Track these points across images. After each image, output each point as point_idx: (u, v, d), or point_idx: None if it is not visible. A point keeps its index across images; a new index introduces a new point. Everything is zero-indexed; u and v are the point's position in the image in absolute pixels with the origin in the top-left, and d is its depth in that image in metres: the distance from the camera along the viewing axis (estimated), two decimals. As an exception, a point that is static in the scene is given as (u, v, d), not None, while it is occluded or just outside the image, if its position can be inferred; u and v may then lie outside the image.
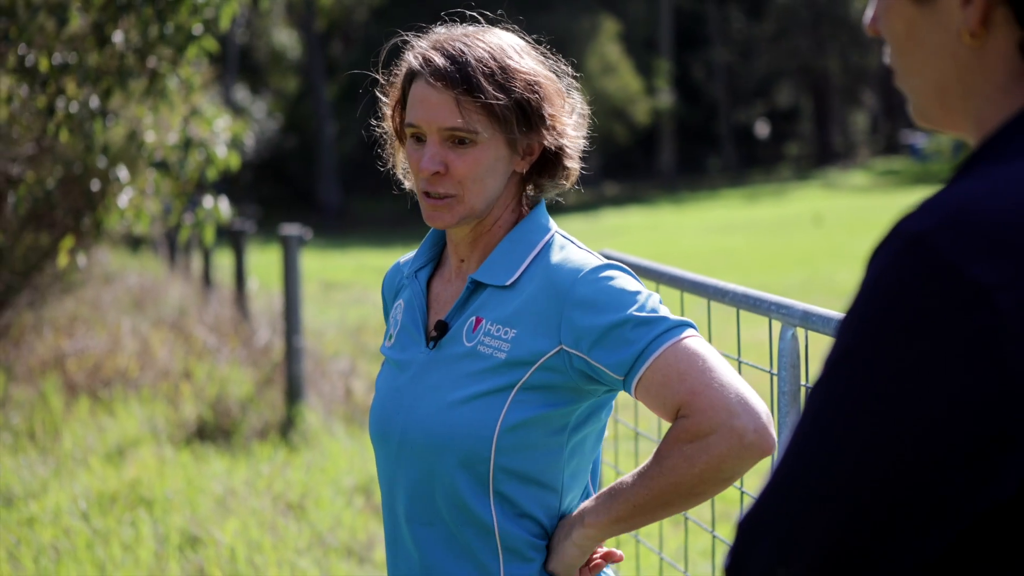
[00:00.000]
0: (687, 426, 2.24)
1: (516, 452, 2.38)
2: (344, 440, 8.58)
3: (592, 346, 2.31)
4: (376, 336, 14.40)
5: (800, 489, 1.29)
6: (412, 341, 2.53)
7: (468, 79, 2.39)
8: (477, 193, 2.43)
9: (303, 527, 6.68)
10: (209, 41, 8.12)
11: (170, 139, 8.54)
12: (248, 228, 12.60)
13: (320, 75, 47.09)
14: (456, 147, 2.41)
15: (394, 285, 2.71)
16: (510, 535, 2.40)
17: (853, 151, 64.86)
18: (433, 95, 2.41)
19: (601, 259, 2.42)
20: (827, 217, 31.41)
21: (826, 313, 2.71)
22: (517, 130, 2.41)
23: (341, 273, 24.29)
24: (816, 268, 20.48)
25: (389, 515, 2.54)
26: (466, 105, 2.39)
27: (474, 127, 2.39)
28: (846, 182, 48.35)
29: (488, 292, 2.45)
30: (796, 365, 2.87)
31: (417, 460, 2.44)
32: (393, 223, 44.37)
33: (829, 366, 1.31)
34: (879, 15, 1.44)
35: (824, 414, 1.29)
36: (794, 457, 1.31)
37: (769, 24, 60.44)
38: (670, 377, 2.26)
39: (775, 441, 2.23)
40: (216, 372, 10.14)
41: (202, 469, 7.80)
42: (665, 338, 2.28)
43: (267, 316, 12.94)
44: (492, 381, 2.38)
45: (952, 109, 1.40)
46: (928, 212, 1.29)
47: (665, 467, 2.26)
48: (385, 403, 2.54)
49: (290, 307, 9.34)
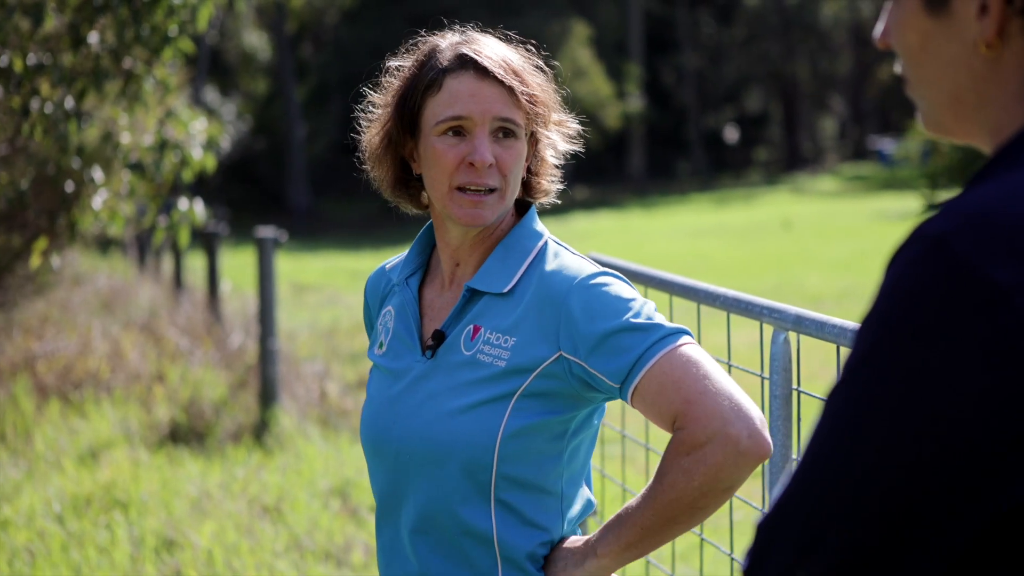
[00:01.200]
0: (683, 438, 2.23)
1: (517, 459, 2.38)
2: (319, 443, 8.57)
3: (589, 353, 2.31)
4: (349, 339, 14.38)
5: (819, 491, 1.30)
6: (407, 349, 2.52)
7: (518, 73, 2.43)
8: (514, 188, 2.46)
9: (280, 530, 6.66)
10: (185, 42, 8.09)
11: (145, 141, 8.50)
12: (221, 230, 12.56)
13: (290, 77, 47.00)
14: (502, 140, 2.43)
15: (379, 290, 2.69)
16: (509, 546, 2.40)
17: (822, 156, 65.11)
18: (485, 87, 2.42)
19: (596, 266, 2.43)
20: (796, 222, 31.52)
21: (819, 317, 2.72)
22: (534, 131, 2.47)
23: (312, 275, 24.25)
24: (787, 273, 20.54)
25: (385, 522, 2.53)
26: (516, 98, 2.42)
27: (519, 121, 2.43)
28: (815, 187, 48.51)
29: (485, 300, 2.45)
30: (788, 369, 2.88)
31: (417, 469, 2.43)
32: (363, 225, 44.30)
33: (849, 369, 1.32)
34: (890, 28, 1.45)
35: (844, 417, 1.30)
36: (813, 459, 1.32)
37: (739, 29, 60.63)
38: (665, 386, 2.26)
39: (770, 446, 2.23)
40: (189, 375, 10.11)
41: (176, 472, 7.77)
42: (660, 346, 2.28)
43: (240, 318, 12.90)
44: (493, 389, 2.38)
45: (965, 118, 1.42)
46: (948, 216, 1.30)
47: (666, 484, 2.25)
48: (380, 412, 2.52)
49: (265, 309, 9.31)
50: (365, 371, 12.09)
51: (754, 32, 60.50)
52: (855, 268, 20.72)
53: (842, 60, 64.95)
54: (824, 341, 2.68)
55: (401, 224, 47.09)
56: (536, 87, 2.45)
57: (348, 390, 10.62)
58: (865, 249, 23.71)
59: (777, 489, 1.37)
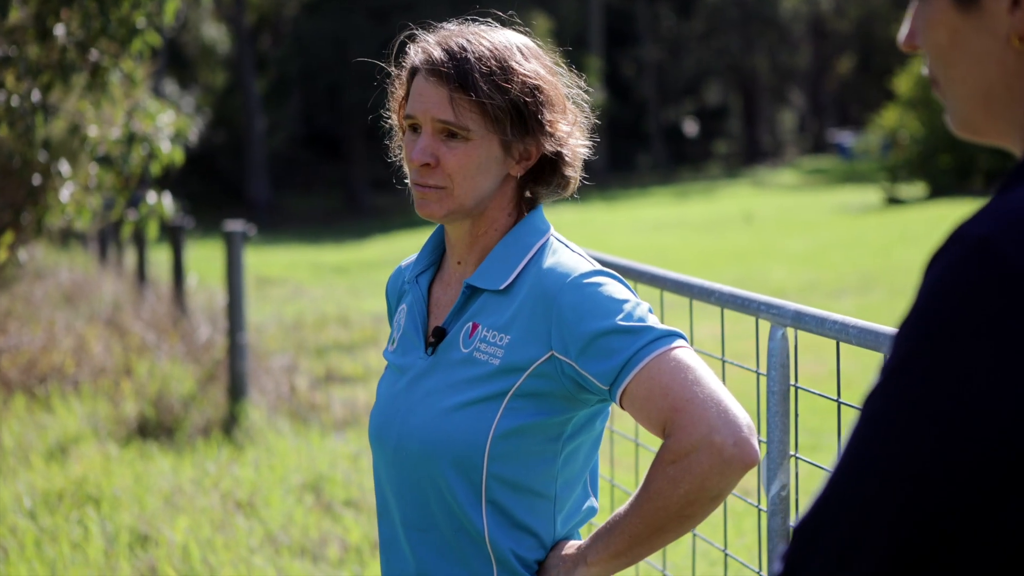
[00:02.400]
0: (670, 446, 2.21)
1: (508, 460, 2.36)
2: (290, 437, 8.54)
3: (579, 354, 2.29)
4: (315, 332, 14.35)
5: (861, 495, 1.29)
6: (412, 346, 2.52)
7: (463, 75, 2.38)
8: (467, 189, 2.41)
9: (254, 525, 6.63)
10: (152, 35, 8.04)
11: (113, 134, 8.45)
12: (186, 224, 12.49)
13: (250, 70, 46.80)
14: (448, 140, 2.41)
15: (397, 289, 2.69)
16: (499, 547, 2.39)
17: (781, 150, 65.37)
18: (429, 89, 2.41)
19: (593, 264, 2.40)
20: (757, 215, 31.60)
21: (819, 313, 2.72)
22: (511, 132, 2.40)
23: (274, 269, 24.16)
24: (749, 266, 20.59)
25: (385, 518, 2.53)
26: (459, 101, 2.38)
27: (465, 124, 2.38)
28: (775, 180, 48.66)
29: (484, 297, 2.44)
30: (786, 365, 2.87)
31: (412, 466, 2.42)
32: (324, 219, 44.19)
33: (889, 373, 1.30)
34: (917, 29, 1.44)
35: (886, 420, 1.29)
36: (853, 462, 1.30)
37: (698, 23, 60.76)
38: (653, 391, 2.24)
39: (757, 453, 2.20)
40: (157, 369, 10.05)
41: (148, 467, 7.73)
42: (650, 349, 2.25)
43: (206, 312, 12.84)
44: (486, 388, 2.36)
45: (998, 116, 1.41)
46: (988, 217, 1.29)
47: (652, 492, 2.23)
48: (383, 408, 2.53)
49: (234, 303, 9.27)
50: (333, 364, 12.06)
51: (714, 25, 60.64)
52: (818, 261, 20.79)
53: (801, 54, 65.18)
54: (824, 337, 2.68)
55: (362, 218, 46.85)
56: (489, 91, 2.38)
57: (317, 384, 10.59)
58: (827, 242, 23.79)
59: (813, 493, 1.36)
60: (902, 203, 33.80)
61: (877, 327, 2.54)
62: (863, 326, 2.55)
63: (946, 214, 28.40)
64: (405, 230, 37.40)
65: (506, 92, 2.38)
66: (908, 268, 18.88)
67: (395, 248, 31.02)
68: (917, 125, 35.80)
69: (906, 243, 22.61)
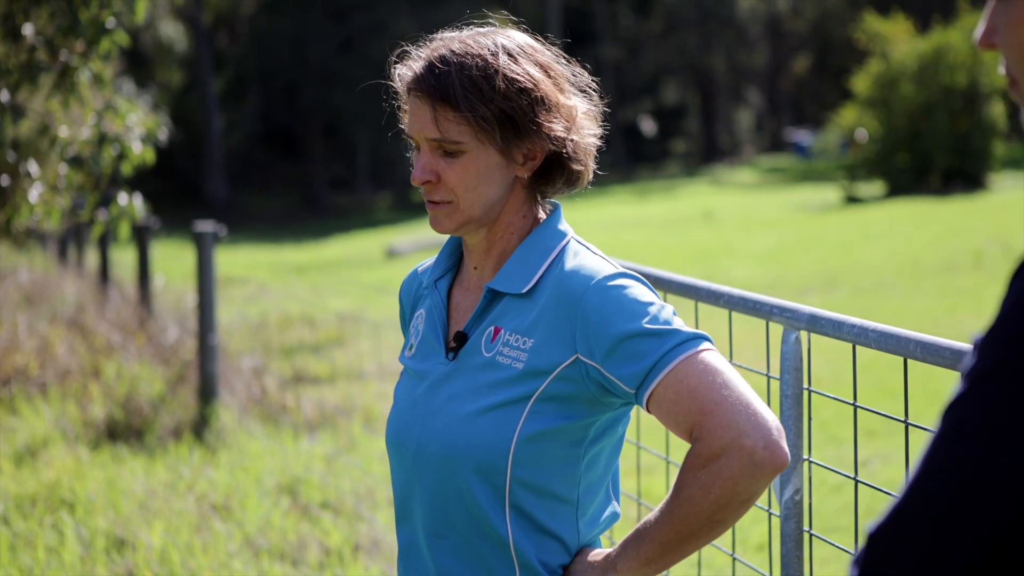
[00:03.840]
0: (699, 450, 2.19)
1: (532, 464, 2.34)
2: (263, 439, 8.48)
3: (605, 357, 2.27)
4: (280, 333, 14.28)
5: (944, 502, 1.27)
6: (432, 351, 2.49)
7: (444, 90, 2.36)
8: (473, 201, 2.40)
9: (232, 529, 6.58)
10: (121, 35, 7.97)
11: (83, 134, 8.37)
12: (153, 224, 12.39)
13: (207, 68, 46.63)
14: (445, 157, 2.39)
15: (411, 293, 2.67)
16: (524, 552, 2.36)
17: (739, 148, 65.58)
18: (417, 106, 2.40)
19: (616, 266, 2.38)
20: (718, 214, 31.69)
21: (836, 317, 2.69)
22: (503, 139, 2.37)
23: (234, 268, 24.05)
24: (712, 264, 20.64)
25: (404, 524, 2.50)
26: (443, 116, 2.37)
27: (454, 138, 2.37)
28: (733, 179, 48.82)
29: (506, 301, 2.41)
30: (799, 368, 2.85)
31: (433, 471, 2.40)
32: (283, 218, 44.07)
33: (974, 381, 1.29)
34: (996, 28, 1.41)
35: (971, 428, 1.27)
36: (937, 469, 1.29)
37: (656, 22, 60.92)
38: (681, 394, 2.22)
39: (787, 456, 2.18)
40: (125, 370, 9.97)
41: (120, 470, 7.66)
42: (677, 352, 2.23)
43: (171, 313, 12.75)
44: (509, 391, 2.34)
45: None
46: None
47: (683, 498, 2.21)
48: (402, 413, 2.50)
49: (204, 304, 9.20)
50: (300, 365, 12.00)
51: (671, 24, 60.83)
52: (780, 259, 20.87)
53: (758, 53, 65.44)
54: (842, 341, 2.66)
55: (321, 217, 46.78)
56: (474, 103, 2.34)
57: (285, 385, 10.53)
58: (789, 240, 23.88)
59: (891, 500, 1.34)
60: (861, 201, 33.96)
61: (898, 331, 2.52)
62: (883, 330, 2.53)
63: (905, 213, 28.55)
64: (365, 230, 37.34)
65: (490, 100, 2.35)
66: (870, 266, 18.96)
67: (355, 248, 30.96)
68: (875, 124, 35.98)
69: (867, 241, 22.71)
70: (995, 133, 35.78)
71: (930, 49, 36.03)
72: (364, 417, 9.38)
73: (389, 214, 43.97)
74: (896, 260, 19.46)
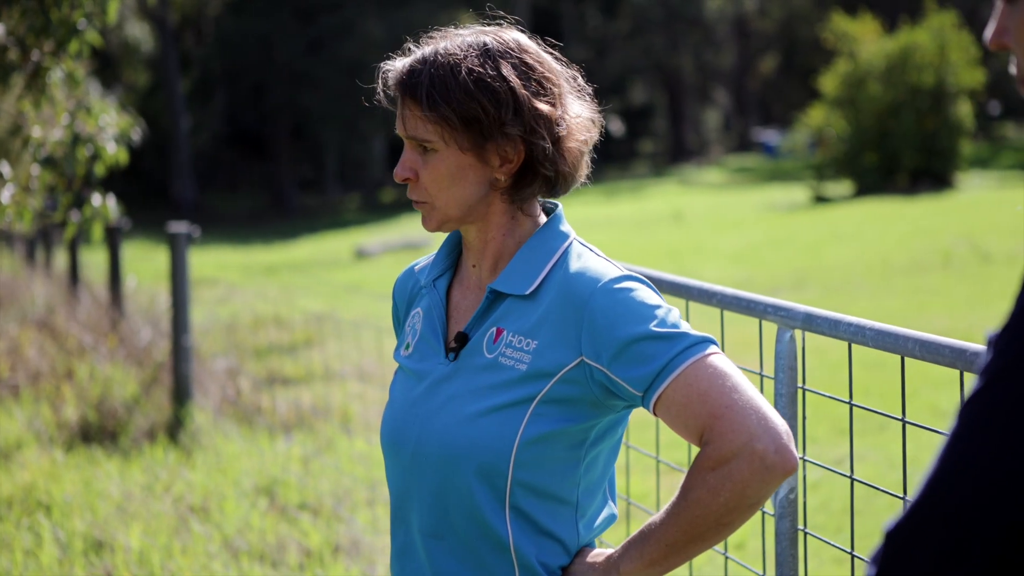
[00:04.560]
0: (709, 453, 2.19)
1: (534, 466, 2.33)
2: (238, 441, 8.45)
3: (612, 360, 2.26)
4: (251, 334, 14.23)
5: (962, 498, 1.27)
6: (431, 351, 2.48)
7: (412, 88, 2.38)
8: (447, 201, 2.40)
9: (211, 530, 6.55)
10: (93, 35, 7.93)
11: (56, 135, 8.32)
12: (124, 225, 12.33)
13: (174, 69, 46.46)
14: (424, 154, 2.41)
15: (407, 291, 2.65)
16: (525, 553, 2.36)
17: (706, 148, 65.73)
18: (404, 105, 2.41)
19: (621, 269, 2.37)
20: (686, 214, 31.75)
21: (832, 315, 2.70)
22: (471, 140, 2.36)
23: (204, 269, 23.95)
24: (682, 264, 20.68)
25: (399, 525, 2.49)
26: (412, 114, 2.39)
27: (422, 136, 2.38)
28: (702, 179, 48.92)
29: (509, 302, 2.40)
30: (794, 367, 2.86)
31: (432, 472, 2.39)
32: (250, 219, 43.93)
33: (990, 377, 1.29)
34: (1008, 28, 1.42)
35: (987, 425, 1.27)
36: (953, 466, 1.29)
37: (624, 22, 60.99)
38: (691, 398, 2.21)
39: (797, 459, 2.18)
40: (98, 372, 9.92)
41: (96, 472, 7.62)
42: (686, 355, 2.23)
43: (143, 314, 12.70)
44: (512, 393, 2.33)
45: None
46: None
47: (691, 500, 2.21)
48: (400, 413, 2.48)
49: (178, 305, 9.16)
50: (273, 366, 11.96)
51: (639, 25, 60.89)
52: (750, 259, 20.92)
53: (725, 53, 65.59)
54: (837, 339, 2.66)
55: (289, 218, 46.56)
56: (435, 102, 2.34)
57: (259, 386, 10.50)
58: (758, 240, 23.94)
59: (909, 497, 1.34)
60: (829, 201, 34.08)
61: (895, 329, 2.52)
62: (880, 328, 2.54)
63: (873, 212, 28.66)
64: (333, 230, 37.25)
65: (455, 101, 2.35)
66: (840, 266, 19.03)
67: (324, 249, 30.88)
68: (843, 124, 36.11)
69: (836, 241, 22.79)
70: (962, 132, 35.99)
71: (897, 49, 36.20)
72: (340, 418, 9.36)
73: (357, 215, 43.89)
74: (865, 259, 19.54)
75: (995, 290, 15.40)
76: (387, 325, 13.23)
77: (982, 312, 13.81)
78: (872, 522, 6.49)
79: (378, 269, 22.92)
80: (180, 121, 46.18)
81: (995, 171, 41.30)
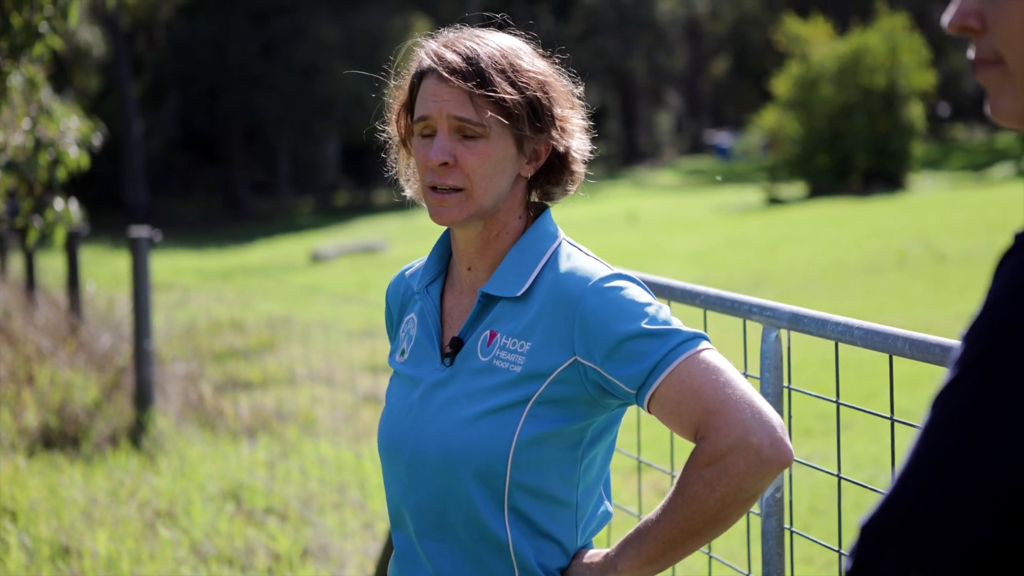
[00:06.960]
0: (705, 448, 2.20)
1: (532, 467, 2.34)
2: (201, 445, 8.42)
3: (605, 358, 2.27)
4: (210, 338, 14.17)
5: (935, 490, 1.27)
6: (427, 357, 2.48)
7: (481, 73, 2.37)
8: (485, 189, 2.38)
9: (178, 535, 6.53)
10: (54, 39, 7.88)
11: (17, 139, 8.27)
12: (83, 230, 12.26)
13: (126, 73, 46.20)
14: (465, 140, 2.38)
15: (399, 296, 2.65)
16: (524, 555, 2.36)
17: (659, 151, 65.90)
18: (445, 90, 2.38)
19: (610, 268, 2.39)
20: (641, 216, 31.82)
21: (819, 315, 2.72)
22: (528, 128, 2.38)
23: (159, 274, 23.76)
24: (639, 266, 20.64)
25: (399, 528, 2.49)
26: (479, 100, 2.36)
27: (485, 122, 2.36)
28: (655, 181, 49.05)
29: (501, 305, 2.41)
30: (779, 367, 2.88)
31: (430, 476, 2.39)
32: (203, 223, 43.73)
33: (962, 369, 1.30)
34: (972, 11, 1.38)
35: (962, 417, 1.28)
36: (926, 458, 1.30)
37: (576, 25, 61.06)
38: (685, 394, 2.22)
39: (792, 452, 2.19)
40: (59, 378, 9.86)
41: (60, 477, 7.57)
42: (679, 352, 2.24)
43: (102, 319, 12.62)
44: (507, 395, 2.33)
45: None
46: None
47: (687, 496, 2.21)
48: (396, 419, 2.48)
49: (140, 310, 9.12)
50: (232, 370, 11.91)
51: (591, 27, 60.99)
52: (706, 260, 20.99)
53: (677, 56, 65.78)
54: (824, 339, 2.68)
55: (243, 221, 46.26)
56: (506, 87, 2.37)
57: (219, 390, 10.46)
58: (713, 242, 24.02)
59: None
60: (782, 203, 34.24)
61: (884, 328, 2.55)
62: (868, 327, 2.56)
63: (827, 213, 28.81)
64: (288, 234, 37.14)
65: (521, 89, 2.38)
66: (796, 267, 19.13)
67: (279, 252, 30.78)
68: (795, 126, 36.30)
69: (791, 242, 22.90)
70: (913, 134, 36.23)
71: (849, 51, 36.42)
72: (301, 421, 9.34)
73: (311, 219, 43.78)
74: (821, 260, 19.64)
75: (951, 289, 15.51)
76: (348, 328, 13.16)
77: (939, 311, 13.91)
78: (834, 523, 6.51)
79: (334, 273, 22.86)
80: (132, 125, 45.94)
81: (946, 172, 41.62)
